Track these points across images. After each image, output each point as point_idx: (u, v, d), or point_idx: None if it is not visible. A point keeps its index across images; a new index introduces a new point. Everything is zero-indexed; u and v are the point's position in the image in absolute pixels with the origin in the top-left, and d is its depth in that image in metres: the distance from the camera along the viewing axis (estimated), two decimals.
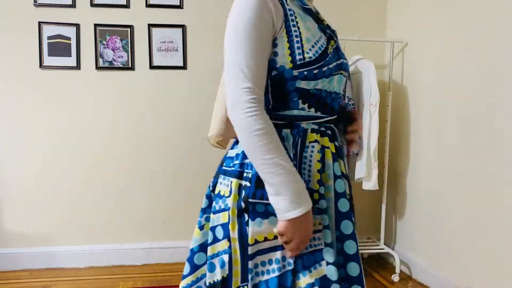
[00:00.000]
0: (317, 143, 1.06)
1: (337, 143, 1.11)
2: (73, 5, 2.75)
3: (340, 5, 2.99)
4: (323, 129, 1.08)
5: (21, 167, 2.78)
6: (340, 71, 1.08)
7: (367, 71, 2.66)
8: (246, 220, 1.02)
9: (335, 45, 1.09)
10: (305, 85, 1.03)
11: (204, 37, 2.90)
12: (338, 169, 1.08)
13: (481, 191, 2.18)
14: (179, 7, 2.85)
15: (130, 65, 2.83)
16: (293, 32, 1.02)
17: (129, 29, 2.81)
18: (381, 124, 2.82)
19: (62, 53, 2.76)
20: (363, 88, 2.69)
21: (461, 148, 2.32)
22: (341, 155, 1.12)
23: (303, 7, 1.08)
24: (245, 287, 1.05)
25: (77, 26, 2.76)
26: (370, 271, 2.83)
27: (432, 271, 2.56)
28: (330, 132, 1.10)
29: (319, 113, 1.07)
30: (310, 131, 1.06)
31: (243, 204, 1.02)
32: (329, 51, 1.05)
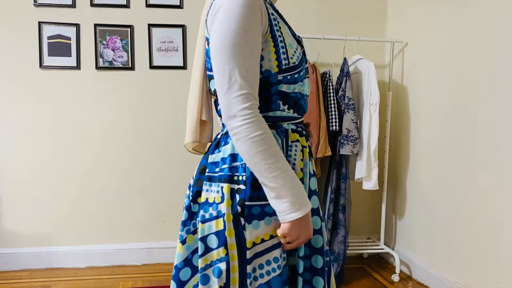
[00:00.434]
0: (298, 142, 1.11)
1: (308, 143, 1.17)
2: (73, 5, 2.75)
3: (340, 5, 2.99)
4: (300, 129, 1.14)
5: (21, 167, 2.78)
6: (307, 74, 1.15)
7: (367, 71, 2.66)
8: (242, 224, 1.02)
9: (303, 49, 1.16)
10: (286, 88, 1.08)
11: None
12: (311, 168, 1.15)
13: (481, 191, 2.18)
14: (179, 7, 2.85)
15: (130, 65, 2.83)
16: (278, 37, 1.05)
17: (129, 29, 2.81)
18: (381, 124, 2.82)
19: (62, 53, 2.76)
20: (363, 88, 2.69)
21: (461, 148, 2.32)
22: (311, 154, 1.18)
23: (278, 12, 1.12)
24: None
25: (77, 26, 2.76)
26: (370, 271, 2.83)
27: (432, 271, 2.56)
28: (304, 132, 1.16)
29: (296, 114, 1.12)
30: (291, 131, 1.10)
31: (239, 208, 1.02)
32: (301, 53, 1.12)
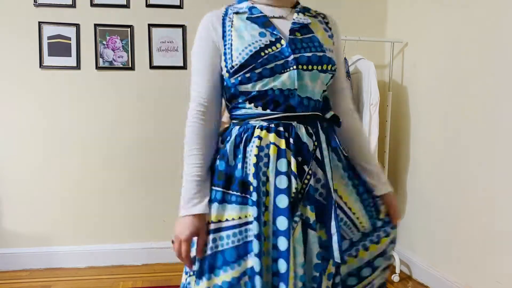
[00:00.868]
0: (258, 139, 1.12)
1: (292, 140, 1.12)
2: (73, 5, 2.75)
3: (340, 5, 2.99)
4: (273, 125, 1.12)
5: (21, 167, 2.78)
6: (291, 67, 1.10)
7: (367, 71, 2.66)
8: None
9: (285, 44, 1.12)
10: (246, 88, 1.13)
11: None
12: (283, 166, 1.10)
13: (481, 191, 2.18)
14: (179, 7, 2.85)
15: (130, 65, 2.83)
16: (227, 44, 1.15)
17: (129, 29, 2.81)
18: (381, 124, 2.82)
19: (62, 53, 2.76)
20: (363, 88, 2.69)
21: (461, 148, 2.32)
22: (299, 153, 1.12)
23: (251, 18, 1.17)
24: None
25: (77, 26, 2.76)
26: None
27: (432, 271, 2.56)
28: (282, 128, 1.12)
29: (268, 110, 1.13)
30: (256, 128, 1.13)
31: None
32: (263, 53, 1.10)
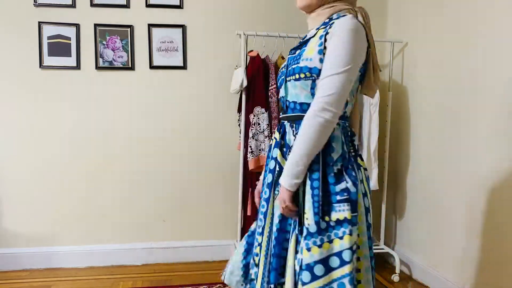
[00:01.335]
0: (273, 135, 1.52)
1: (286, 136, 1.43)
2: (73, 5, 2.75)
3: None
4: (279, 125, 1.49)
5: (21, 167, 2.78)
6: (286, 80, 1.43)
7: None
8: None
9: (286, 61, 1.48)
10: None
11: (204, 37, 2.90)
12: (274, 153, 1.46)
13: (481, 191, 2.18)
14: (179, 7, 2.85)
15: (130, 65, 2.83)
16: None
17: (129, 29, 2.81)
18: (381, 124, 2.82)
19: (62, 53, 2.76)
20: None
21: (461, 148, 2.32)
22: (285, 145, 1.42)
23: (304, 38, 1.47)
24: None
25: (77, 26, 2.76)
26: None
27: (432, 271, 2.56)
28: (280, 127, 1.47)
29: (281, 113, 1.50)
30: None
31: None
32: (279, 72, 1.52)
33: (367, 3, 3.05)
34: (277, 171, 1.42)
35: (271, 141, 1.51)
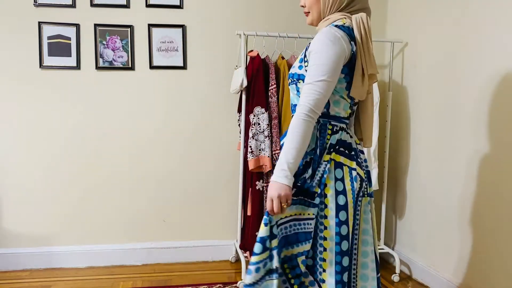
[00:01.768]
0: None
1: None
2: (73, 5, 2.75)
3: None
4: None
5: (21, 167, 2.78)
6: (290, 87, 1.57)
7: None
8: None
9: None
10: None
11: (204, 37, 2.90)
12: None
13: (481, 191, 2.18)
14: (179, 7, 2.85)
15: (130, 65, 2.83)
16: None
17: (129, 29, 2.81)
18: (381, 124, 2.82)
19: (62, 53, 2.76)
20: None
21: (461, 148, 2.32)
22: None
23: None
24: None
25: (77, 26, 2.76)
26: None
27: (432, 271, 2.56)
28: None
29: None
30: None
31: None
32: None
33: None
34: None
35: None
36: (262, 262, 1.40)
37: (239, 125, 2.78)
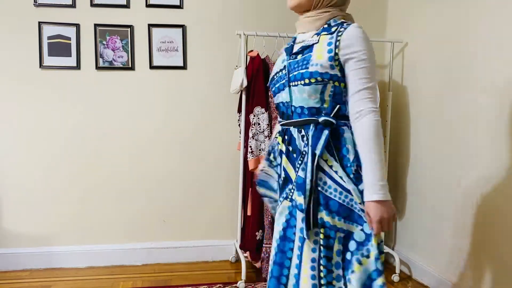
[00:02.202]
0: (275, 139, 1.52)
1: (295, 141, 1.41)
2: (73, 5, 2.75)
3: None
4: (281, 132, 1.48)
5: (21, 167, 2.78)
6: (286, 86, 1.41)
7: None
8: None
9: (286, 68, 1.43)
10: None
11: (204, 37, 2.90)
12: (280, 160, 1.49)
13: (481, 191, 2.18)
14: (179, 7, 2.85)
15: (130, 65, 2.83)
16: None
17: (129, 29, 2.81)
18: (381, 124, 2.82)
19: (62, 53, 2.76)
20: None
21: (461, 148, 2.32)
22: (295, 151, 1.41)
23: (285, 48, 1.50)
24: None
25: (77, 26, 2.76)
26: None
27: (432, 271, 2.56)
28: (284, 133, 1.45)
29: (281, 119, 1.50)
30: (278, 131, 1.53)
31: None
32: (276, 76, 1.48)
33: (367, 3, 3.06)
34: (283, 177, 1.46)
35: (272, 147, 1.54)
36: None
37: (239, 125, 2.78)
